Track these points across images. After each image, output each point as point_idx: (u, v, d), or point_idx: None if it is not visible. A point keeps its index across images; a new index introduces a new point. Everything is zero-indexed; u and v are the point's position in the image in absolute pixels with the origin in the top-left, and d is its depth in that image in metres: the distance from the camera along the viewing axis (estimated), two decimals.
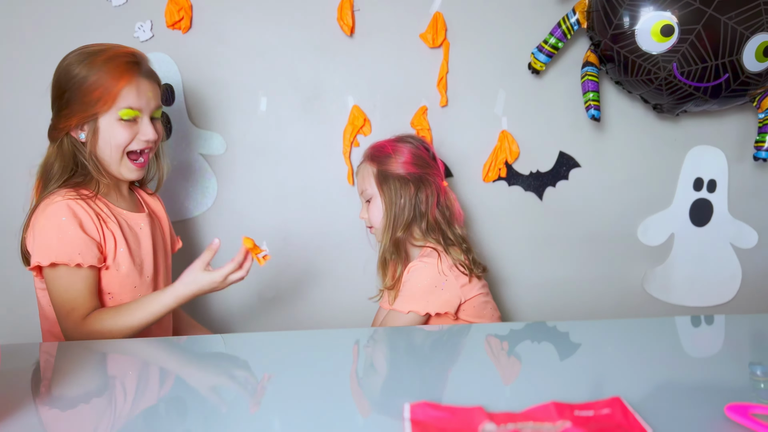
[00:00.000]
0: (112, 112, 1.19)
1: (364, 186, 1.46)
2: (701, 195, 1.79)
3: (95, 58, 1.19)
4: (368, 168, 1.45)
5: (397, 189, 1.42)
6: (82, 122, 1.19)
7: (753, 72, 1.47)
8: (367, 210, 1.47)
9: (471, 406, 0.71)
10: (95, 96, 1.17)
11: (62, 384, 0.88)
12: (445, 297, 1.39)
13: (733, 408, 0.68)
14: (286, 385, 0.85)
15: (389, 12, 1.64)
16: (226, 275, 1.18)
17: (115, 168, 1.24)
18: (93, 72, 1.18)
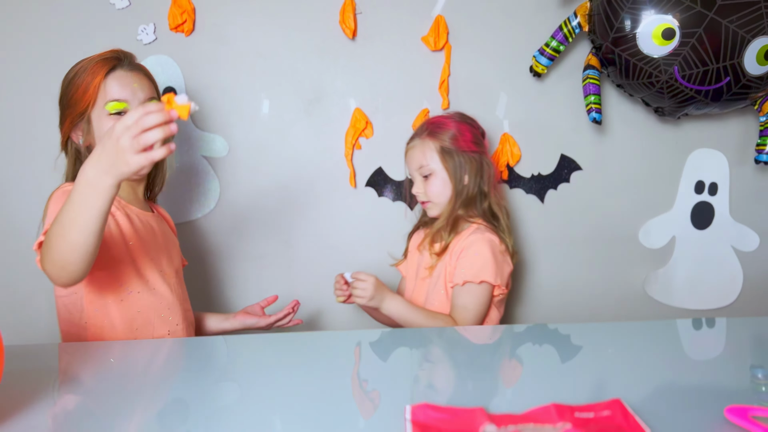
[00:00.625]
0: (99, 108, 1.20)
1: (423, 161, 1.45)
2: (703, 198, 1.79)
3: (77, 65, 1.24)
4: (429, 143, 1.45)
5: (463, 165, 1.44)
6: (75, 123, 1.22)
7: (754, 75, 1.47)
8: (424, 185, 1.46)
9: (472, 408, 0.71)
10: (78, 94, 1.21)
11: (67, 385, 0.88)
12: (507, 270, 1.43)
13: (733, 410, 0.68)
14: (288, 387, 0.86)
15: (391, 15, 1.65)
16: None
17: None
18: (75, 77, 1.22)
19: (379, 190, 1.70)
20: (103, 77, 1.20)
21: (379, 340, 1.15)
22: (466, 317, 1.35)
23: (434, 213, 1.48)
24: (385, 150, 1.69)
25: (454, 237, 1.44)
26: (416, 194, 1.49)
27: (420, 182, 1.47)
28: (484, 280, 1.36)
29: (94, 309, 1.18)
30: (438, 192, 1.45)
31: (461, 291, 1.37)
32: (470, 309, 1.36)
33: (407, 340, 1.15)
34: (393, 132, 1.68)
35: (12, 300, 1.65)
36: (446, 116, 1.50)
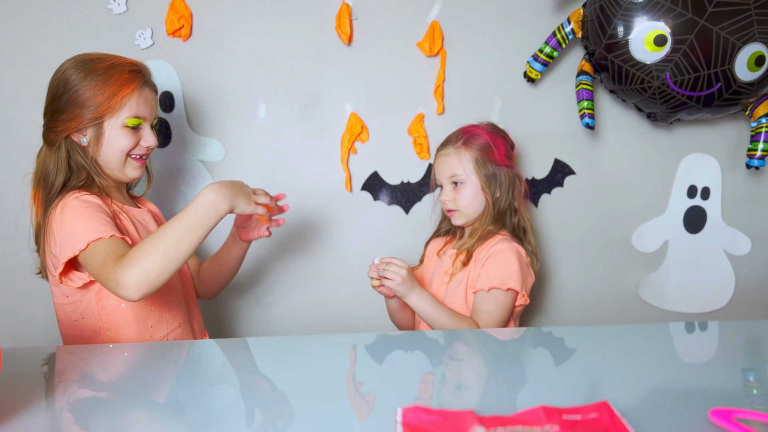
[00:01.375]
0: (117, 118, 1.21)
1: (458, 170, 1.43)
2: (695, 202, 1.80)
3: (96, 64, 1.21)
4: (464, 152, 1.43)
5: (497, 178, 1.44)
6: (84, 126, 1.20)
7: (745, 81, 1.49)
8: (454, 193, 1.45)
9: (462, 410, 0.72)
10: (98, 100, 1.19)
11: (63, 388, 0.89)
12: (530, 282, 1.43)
13: (717, 413, 0.70)
14: (284, 389, 0.87)
15: (386, 21, 1.66)
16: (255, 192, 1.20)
17: (118, 170, 1.25)
18: (96, 77, 1.20)
19: (375, 194, 1.71)
20: (131, 93, 1.22)
21: (374, 343, 1.15)
22: (489, 323, 1.33)
23: (460, 222, 1.47)
24: (381, 154, 1.70)
25: (478, 246, 1.43)
26: (444, 201, 1.47)
27: (450, 190, 1.45)
28: (511, 288, 1.35)
29: (108, 312, 1.20)
30: (468, 202, 1.44)
31: (486, 296, 1.36)
32: (494, 315, 1.34)
33: (402, 344, 1.15)
34: (389, 136, 1.69)
35: (9, 303, 1.65)
36: (480, 127, 1.49)
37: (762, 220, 1.82)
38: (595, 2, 1.53)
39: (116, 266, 1.04)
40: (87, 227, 1.11)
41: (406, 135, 1.69)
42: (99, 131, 1.21)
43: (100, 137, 1.21)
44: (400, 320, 1.54)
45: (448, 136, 1.50)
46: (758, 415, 0.69)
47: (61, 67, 1.24)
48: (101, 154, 1.23)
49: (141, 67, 1.26)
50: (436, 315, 1.33)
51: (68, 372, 0.98)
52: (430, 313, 1.33)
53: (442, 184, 1.47)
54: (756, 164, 1.64)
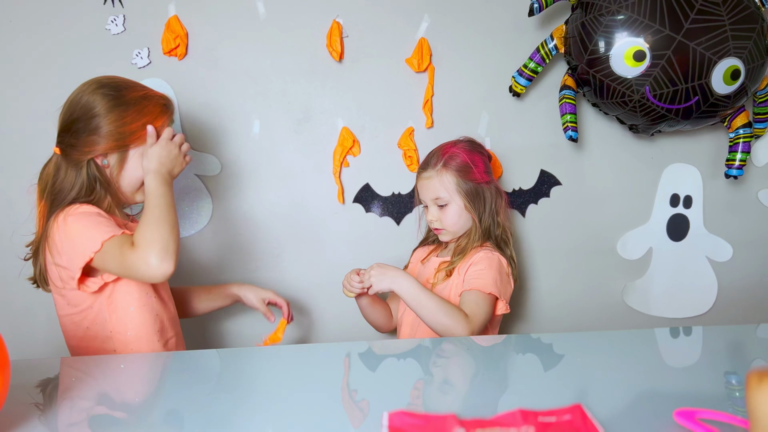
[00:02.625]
0: (142, 147, 1.27)
1: (439, 193, 1.47)
2: (678, 211, 1.84)
3: (129, 93, 1.26)
4: (445, 175, 1.47)
5: (479, 196, 1.48)
6: (111, 151, 1.25)
7: (721, 94, 1.53)
8: (439, 213, 1.49)
9: (444, 414, 0.77)
10: (131, 129, 1.24)
11: (67, 399, 0.93)
12: (509, 290, 1.46)
13: (682, 413, 0.74)
14: (280, 398, 0.90)
15: (376, 38, 1.70)
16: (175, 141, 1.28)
17: (130, 194, 1.31)
18: (130, 106, 1.25)
19: (367, 206, 1.76)
20: (163, 126, 1.29)
21: (367, 351, 1.19)
22: (477, 311, 1.34)
23: (447, 239, 1.53)
24: (372, 167, 1.74)
25: (461, 260, 1.47)
26: (430, 221, 1.52)
27: (435, 210, 1.50)
28: (491, 293, 1.38)
29: (119, 316, 1.24)
30: (453, 221, 1.48)
31: (469, 293, 1.38)
32: (480, 305, 1.36)
33: (395, 351, 1.19)
34: (379, 150, 1.74)
35: (9, 315, 1.69)
36: (458, 146, 1.51)
37: (742, 227, 1.86)
38: (577, 19, 1.59)
39: (137, 251, 1.11)
40: (96, 230, 1.16)
41: (397, 148, 1.74)
42: (123, 157, 1.26)
43: (124, 162, 1.27)
44: (371, 317, 1.57)
45: (427, 157, 1.54)
46: (721, 415, 0.74)
47: (86, 88, 1.26)
48: (121, 178, 1.28)
49: (169, 102, 1.33)
50: (424, 299, 1.33)
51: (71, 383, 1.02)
52: (418, 297, 1.33)
53: (427, 205, 1.52)
54: (734, 173, 1.70)
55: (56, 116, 1.67)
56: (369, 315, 1.57)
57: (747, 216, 1.86)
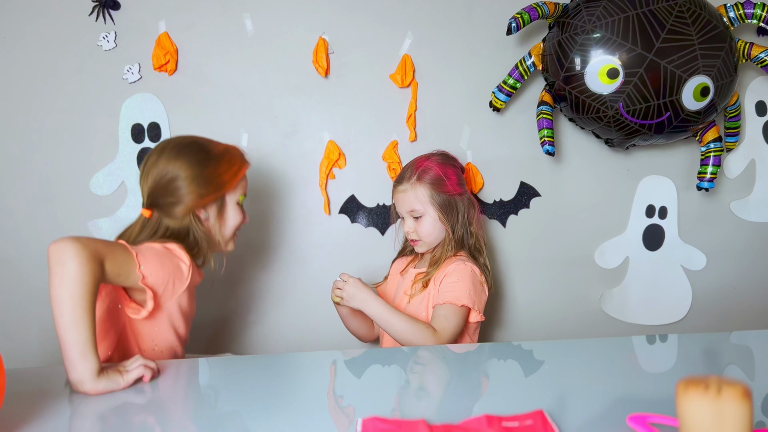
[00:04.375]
0: (234, 195, 1.36)
1: (414, 205, 1.52)
2: (653, 221, 1.89)
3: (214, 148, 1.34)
4: (419, 188, 1.52)
5: (452, 208, 1.53)
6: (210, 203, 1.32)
7: (692, 110, 1.58)
8: (415, 224, 1.53)
9: (415, 419, 0.82)
10: (225, 179, 1.32)
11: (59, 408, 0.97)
12: (483, 298, 1.50)
13: (634, 418, 0.80)
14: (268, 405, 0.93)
15: (361, 54, 1.75)
16: None
17: (224, 244, 1.38)
18: (220, 158, 1.33)
19: (352, 217, 1.80)
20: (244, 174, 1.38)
21: (353, 358, 1.22)
22: (446, 326, 1.40)
23: (422, 250, 1.57)
24: (357, 179, 1.79)
25: (436, 270, 1.51)
26: (407, 232, 1.56)
27: (411, 222, 1.54)
28: (464, 305, 1.43)
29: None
30: (428, 232, 1.53)
31: (442, 307, 1.43)
32: (450, 319, 1.41)
33: (380, 359, 1.22)
34: (364, 162, 1.78)
35: (3, 326, 1.72)
36: (431, 160, 1.56)
37: (716, 237, 1.91)
38: (554, 37, 1.64)
39: None
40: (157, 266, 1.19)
41: (381, 161, 1.78)
42: (222, 207, 1.34)
43: (223, 212, 1.35)
44: (351, 326, 1.61)
45: (401, 171, 1.59)
46: (671, 419, 0.79)
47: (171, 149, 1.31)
48: (220, 228, 1.35)
49: (244, 150, 1.41)
50: (391, 321, 1.39)
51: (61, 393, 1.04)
52: (387, 319, 1.40)
53: (403, 217, 1.57)
54: (706, 186, 1.75)
55: (51, 131, 1.73)
56: (349, 324, 1.62)
57: (720, 226, 1.91)
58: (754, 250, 1.93)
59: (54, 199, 1.71)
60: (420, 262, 1.62)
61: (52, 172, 1.71)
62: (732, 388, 0.53)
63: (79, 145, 1.71)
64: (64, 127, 1.70)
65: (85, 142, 1.71)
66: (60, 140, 1.70)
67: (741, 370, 1.13)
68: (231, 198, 1.36)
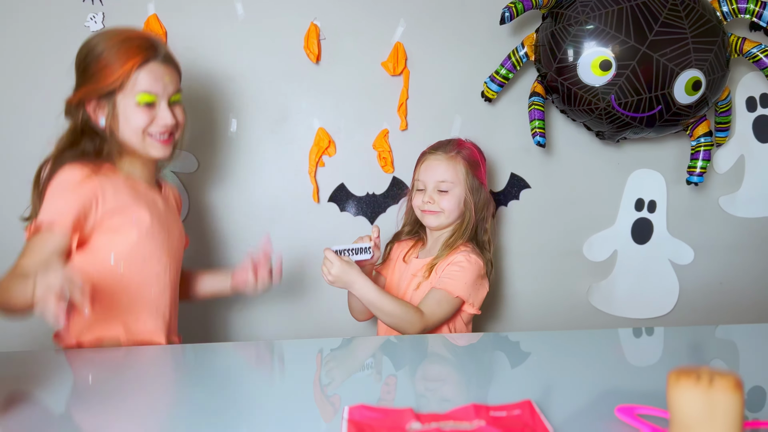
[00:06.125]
0: (129, 95, 1.21)
1: (451, 177, 1.51)
2: (642, 215, 1.89)
3: (113, 36, 1.23)
4: (460, 163, 1.52)
5: (480, 193, 1.54)
6: (92, 99, 1.22)
7: (683, 104, 1.58)
8: (439, 197, 1.51)
9: (402, 408, 0.81)
10: (103, 71, 1.20)
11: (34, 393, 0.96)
12: (481, 295, 1.50)
13: (622, 409, 0.79)
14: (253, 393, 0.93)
15: (353, 41, 1.74)
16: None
17: (142, 149, 1.26)
18: (107, 48, 1.21)
19: (341, 206, 1.79)
20: (137, 67, 1.21)
21: (340, 347, 1.23)
22: (435, 311, 1.40)
23: (436, 223, 1.54)
24: (347, 167, 1.78)
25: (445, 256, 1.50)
26: (425, 203, 1.52)
27: (433, 192, 1.52)
28: (459, 296, 1.43)
29: None
30: (453, 207, 1.51)
31: (435, 291, 1.43)
32: (442, 306, 1.41)
33: (367, 348, 1.23)
34: (355, 150, 1.77)
35: None
36: (470, 143, 1.59)
37: (704, 231, 1.92)
38: (547, 28, 1.64)
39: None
40: (49, 206, 1.16)
41: (371, 149, 1.78)
42: (113, 109, 1.22)
43: (116, 115, 1.22)
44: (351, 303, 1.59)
45: (438, 143, 1.59)
46: (659, 411, 0.79)
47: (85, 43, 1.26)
48: (120, 132, 1.24)
49: (154, 42, 1.26)
50: (378, 302, 1.37)
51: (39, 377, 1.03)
52: (373, 301, 1.37)
53: (425, 187, 1.54)
54: (695, 180, 1.76)
55: (37, 113, 1.70)
56: (350, 301, 1.59)
57: (708, 221, 1.92)
58: (741, 246, 1.94)
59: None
60: (422, 251, 1.60)
61: (38, 155, 1.67)
62: (724, 378, 0.53)
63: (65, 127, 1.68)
64: (50, 109, 1.67)
65: None
66: (46, 122, 1.67)
67: (726, 364, 1.14)
68: (125, 100, 1.22)
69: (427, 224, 1.56)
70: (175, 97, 1.29)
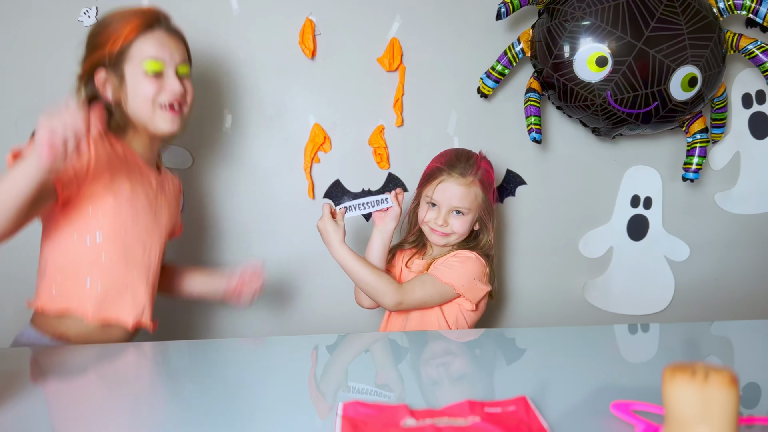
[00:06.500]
0: (135, 64, 1.20)
1: (466, 204, 1.46)
2: (638, 211, 1.89)
3: (120, 10, 1.23)
4: (478, 190, 1.48)
5: (490, 216, 1.52)
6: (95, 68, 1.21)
7: (679, 100, 1.58)
8: (452, 219, 1.47)
9: (396, 405, 0.81)
10: (110, 37, 1.19)
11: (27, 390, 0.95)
12: (478, 294, 1.46)
13: (617, 405, 0.79)
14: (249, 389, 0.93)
15: (348, 37, 1.73)
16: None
17: (151, 122, 1.24)
18: (114, 19, 1.21)
19: (337, 202, 1.78)
20: (137, 32, 1.19)
21: (335, 343, 1.22)
22: (415, 290, 1.40)
23: (442, 243, 1.49)
24: (343, 163, 1.77)
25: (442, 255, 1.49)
26: (435, 220, 1.47)
27: (445, 213, 1.46)
28: (449, 283, 1.40)
29: None
30: (464, 231, 1.48)
31: (425, 275, 1.43)
32: (425, 287, 1.40)
33: (362, 344, 1.23)
34: (350, 146, 1.77)
35: None
36: (486, 161, 1.53)
37: (700, 228, 1.92)
38: (543, 24, 1.63)
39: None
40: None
41: (367, 145, 1.77)
42: (121, 82, 1.21)
43: (123, 87, 1.21)
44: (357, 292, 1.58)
45: (454, 158, 1.50)
46: (654, 407, 0.79)
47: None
48: (129, 106, 1.22)
49: (156, 12, 1.25)
50: (355, 268, 1.38)
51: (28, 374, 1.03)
52: (350, 266, 1.38)
53: (437, 206, 1.48)
54: (691, 177, 1.75)
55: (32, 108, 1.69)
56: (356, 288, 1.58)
57: (704, 218, 1.92)
58: (736, 242, 1.94)
59: None
60: (426, 256, 1.56)
61: None
62: (719, 374, 0.53)
63: None
64: (42, 104, 1.66)
65: None
66: (38, 115, 1.66)
67: (721, 360, 1.13)
68: (132, 70, 1.21)
69: (434, 242, 1.51)
70: (183, 68, 1.28)
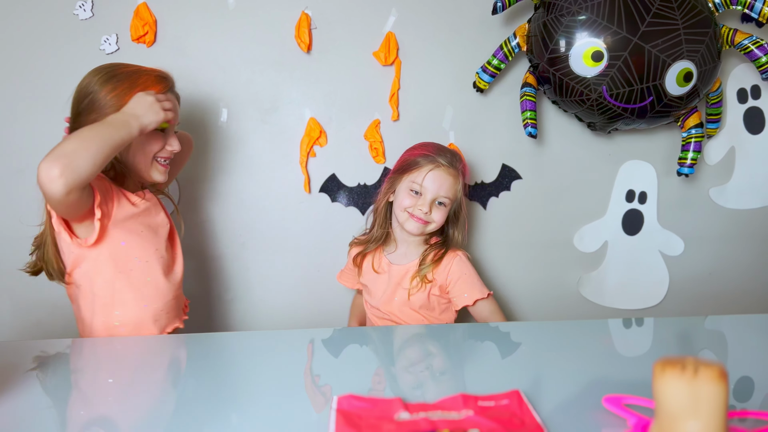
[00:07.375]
0: None
1: (451, 194, 1.51)
2: (633, 206, 1.90)
3: (120, 69, 1.26)
4: (459, 180, 1.53)
5: (461, 208, 1.57)
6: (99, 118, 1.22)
7: (675, 95, 1.59)
8: (433, 209, 1.50)
9: (391, 398, 0.81)
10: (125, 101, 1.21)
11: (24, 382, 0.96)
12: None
13: (610, 399, 0.80)
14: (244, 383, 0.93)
15: (344, 31, 1.73)
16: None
17: (146, 172, 1.31)
18: (121, 79, 1.24)
19: (333, 196, 1.79)
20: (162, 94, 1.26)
21: (330, 338, 1.22)
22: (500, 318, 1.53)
23: (417, 232, 1.51)
24: (339, 158, 1.77)
25: (434, 268, 1.51)
26: (420, 208, 1.49)
27: (430, 201, 1.49)
28: (486, 292, 1.51)
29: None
30: (441, 221, 1.52)
31: (480, 305, 1.52)
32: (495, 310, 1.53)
33: (357, 338, 1.22)
34: (346, 141, 1.77)
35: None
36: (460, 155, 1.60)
37: (694, 223, 1.93)
38: (539, 18, 1.63)
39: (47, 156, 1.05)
40: None
41: (363, 140, 1.77)
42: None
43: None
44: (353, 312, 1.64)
45: (441, 149, 1.54)
46: (646, 401, 0.79)
47: (85, 76, 1.27)
48: (131, 155, 1.27)
49: (167, 74, 1.32)
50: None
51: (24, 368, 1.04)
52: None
53: (423, 194, 1.49)
54: (686, 172, 1.76)
55: (26, 101, 1.70)
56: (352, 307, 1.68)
57: (698, 212, 1.93)
58: (730, 237, 1.95)
59: (26, 169, 1.66)
60: (393, 255, 1.58)
61: (25, 143, 1.67)
62: (708, 369, 0.53)
63: (53, 116, 1.66)
64: (37, 98, 1.66)
65: (59, 113, 1.64)
66: (33, 111, 1.66)
67: (715, 354, 1.14)
68: None
69: (409, 230, 1.51)
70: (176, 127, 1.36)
